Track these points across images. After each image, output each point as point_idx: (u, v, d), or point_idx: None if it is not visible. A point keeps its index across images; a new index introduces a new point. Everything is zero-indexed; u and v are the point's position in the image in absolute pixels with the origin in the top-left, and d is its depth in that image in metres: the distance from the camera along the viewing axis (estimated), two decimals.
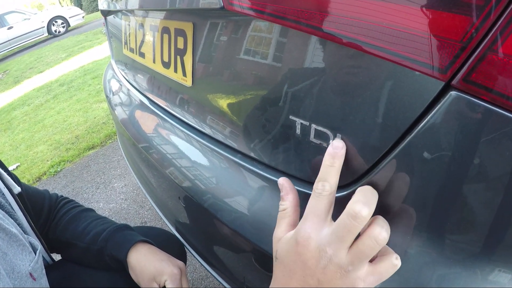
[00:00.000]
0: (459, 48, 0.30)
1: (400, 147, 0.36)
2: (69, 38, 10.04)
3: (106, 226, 0.81)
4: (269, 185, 0.55)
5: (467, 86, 0.31)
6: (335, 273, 0.36)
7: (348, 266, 0.36)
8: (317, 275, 0.37)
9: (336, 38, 0.38)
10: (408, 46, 0.32)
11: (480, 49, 0.30)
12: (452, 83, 0.31)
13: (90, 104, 3.86)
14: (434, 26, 0.31)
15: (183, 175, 0.72)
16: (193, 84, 0.69)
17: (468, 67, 0.31)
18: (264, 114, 0.53)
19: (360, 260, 0.36)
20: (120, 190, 2.14)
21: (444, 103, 0.32)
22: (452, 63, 0.31)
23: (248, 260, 0.62)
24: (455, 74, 0.31)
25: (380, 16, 0.33)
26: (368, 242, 0.35)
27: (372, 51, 0.35)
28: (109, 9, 1.14)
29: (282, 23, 0.43)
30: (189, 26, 0.66)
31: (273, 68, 0.49)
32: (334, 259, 0.36)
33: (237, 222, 0.58)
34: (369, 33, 0.35)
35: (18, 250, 0.62)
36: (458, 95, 0.32)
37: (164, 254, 0.78)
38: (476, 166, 0.33)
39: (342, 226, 0.35)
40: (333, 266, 0.36)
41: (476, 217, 0.35)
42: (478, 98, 0.31)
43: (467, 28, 0.30)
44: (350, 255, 0.36)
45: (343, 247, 0.35)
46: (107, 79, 1.38)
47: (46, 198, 0.87)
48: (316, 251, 0.36)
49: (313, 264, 0.37)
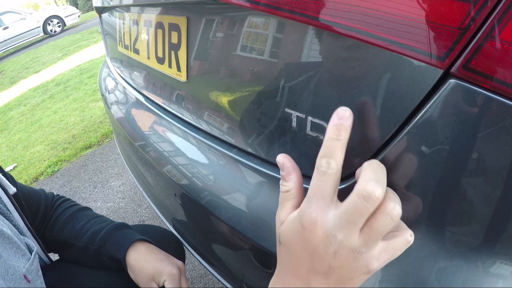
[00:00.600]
0: (457, 35, 0.30)
1: (399, 138, 0.35)
2: (65, 38, 9.99)
3: (103, 225, 0.80)
4: (266, 180, 0.54)
5: (467, 73, 0.30)
6: (347, 256, 0.33)
7: (361, 247, 0.33)
8: (328, 261, 0.34)
9: (332, 28, 0.37)
10: (405, 34, 0.31)
11: (479, 35, 0.29)
12: (451, 71, 0.31)
13: (87, 103, 3.84)
14: (431, 12, 0.30)
15: (179, 172, 0.71)
16: (188, 79, 0.68)
17: (467, 54, 0.30)
18: (260, 108, 0.52)
19: (374, 240, 0.33)
20: (117, 189, 2.13)
21: (443, 91, 0.31)
22: (450, 50, 0.30)
23: (246, 257, 0.61)
24: (454, 61, 0.30)
25: (376, 3, 0.32)
26: (382, 220, 0.31)
27: (368, 40, 0.34)
28: (103, 6, 1.12)
29: (277, 13, 0.42)
30: (183, 21, 0.65)
31: (268, 62, 0.49)
32: (346, 243, 0.33)
33: (234, 218, 0.57)
34: (365, 21, 0.34)
35: (12, 252, 0.61)
36: (457, 83, 0.31)
37: (163, 253, 0.77)
38: (476, 157, 0.32)
39: (352, 208, 0.31)
40: (345, 250, 0.33)
41: (477, 209, 0.34)
42: (478, 86, 0.30)
43: (465, 14, 0.29)
44: (363, 236, 0.32)
45: (354, 230, 0.32)
46: (103, 77, 1.37)
47: (42, 197, 0.86)
48: (325, 236, 0.33)
49: (322, 249, 0.34)
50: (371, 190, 0.30)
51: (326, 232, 0.33)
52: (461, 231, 0.36)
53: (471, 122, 0.31)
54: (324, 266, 0.34)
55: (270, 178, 0.53)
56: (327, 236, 0.33)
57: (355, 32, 0.35)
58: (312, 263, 0.35)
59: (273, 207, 0.53)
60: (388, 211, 0.31)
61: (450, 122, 0.32)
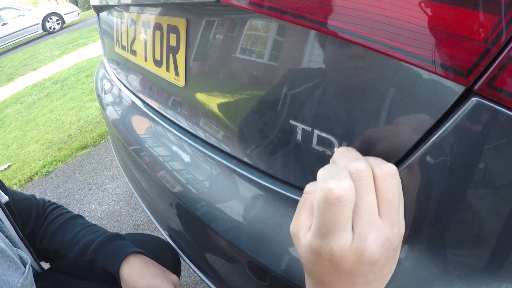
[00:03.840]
0: (483, 50, 0.27)
1: (413, 157, 0.33)
2: (63, 35, 9.94)
3: (96, 236, 0.77)
4: (265, 194, 0.51)
5: (491, 91, 0.28)
6: (386, 251, 0.29)
7: (392, 229, 0.29)
8: (371, 270, 0.29)
9: (343, 35, 0.34)
10: (425, 46, 0.29)
11: (506, 51, 0.26)
12: (474, 88, 0.28)
13: (84, 103, 3.80)
14: (455, 24, 0.28)
15: (175, 180, 0.68)
16: (186, 84, 0.65)
17: (492, 71, 0.27)
18: (262, 118, 0.49)
19: (396, 210, 0.29)
20: (112, 192, 2.09)
21: (464, 110, 0.29)
22: (475, 66, 0.27)
23: (242, 270, 0.58)
24: (478, 78, 0.28)
25: (398, 13, 0.30)
26: (386, 184, 0.29)
27: (386, 51, 0.31)
28: (101, 4, 1.10)
29: (281, 17, 0.40)
30: (182, 22, 0.62)
31: (271, 68, 0.46)
32: (379, 241, 0.29)
33: (231, 232, 0.55)
34: (381, 29, 0.31)
35: (6, 265, 0.58)
36: (480, 101, 0.28)
37: (158, 267, 0.75)
38: (498, 181, 0.30)
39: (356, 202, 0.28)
40: (381, 249, 0.29)
41: (483, 230, 0.32)
42: (503, 106, 0.27)
43: (493, 27, 0.26)
44: (384, 216, 0.29)
45: (376, 220, 0.29)
46: (99, 77, 1.34)
47: (34, 204, 0.83)
48: (358, 257, 0.29)
49: (358, 268, 0.29)
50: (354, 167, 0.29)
51: (358, 251, 0.29)
52: (463, 252, 0.33)
53: (493, 143, 0.29)
54: (367, 276, 0.30)
55: (270, 192, 0.51)
56: (360, 253, 0.29)
57: (373, 43, 0.32)
58: (352, 282, 0.30)
59: (272, 222, 0.50)
60: (383, 175, 0.29)
61: (471, 143, 0.29)
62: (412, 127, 0.32)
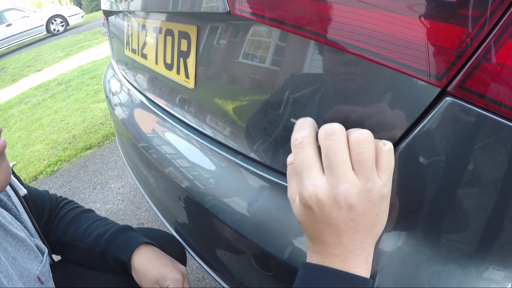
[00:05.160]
0: (455, 57, 0.32)
1: (398, 150, 0.38)
2: (67, 37, 10.01)
3: (108, 227, 0.81)
4: (271, 186, 0.56)
5: (462, 92, 0.33)
6: (362, 201, 0.35)
7: (367, 184, 0.34)
8: (349, 217, 0.35)
9: (338, 45, 0.39)
10: (407, 54, 0.34)
11: (474, 57, 0.32)
12: (448, 90, 0.33)
13: (88, 104, 3.85)
14: (432, 35, 0.33)
15: (184, 174, 0.73)
16: (196, 86, 0.70)
17: (463, 74, 0.32)
18: (266, 117, 0.54)
19: (370, 170, 0.34)
20: (117, 191, 2.14)
21: (440, 108, 0.34)
22: (448, 70, 0.32)
23: (248, 260, 0.62)
24: (450, 81, 0.33)
25: (381, 25, 0.35)
26: (361, 147, 0.34)
27: (373, 58, 0.36)
28: (111, 10, 1.15)
29: (286, 29, 0.45)
30: (193, 29, 0.67)
31: (275, 72, 0.51)
32: (352, 191, 0.34)
33: (238, 222, 0.59)
34: (370, 40, 0.36)
35: (25, 254, 0.62)
36: (453, 101, 0.33)
37: (167, 258, 0.78)
38: (470, 169, 0.35)
39: (331, 153, 0.35)
40: (355, 198, 0.34)
41: (471, 217, 0.36)
42: (472, 104, 0.33)
43: (463, 37, 0.31)
44: (361, 174, 0.34)
45: (348, 174, 0.34)
46: (107, 79, 1.39)
47: (47, 199, 0.87)
48: (332, 200, 0.35)
49: (337, 213, 0.35)
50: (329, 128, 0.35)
51: (330, 196, 0.35)
52: (455, 238, 0.38)
53: (465, 137, 0.34)
54: (348, 223, 0.35)
55: (275, 185, 0.55)
56: (333, 198, 0.35)
57: (361, 51, 0.37)
58: (336, 228, 0.36)
59: (276, 212, 0.55)
60: (358, 138, 0.35)
61: (445, 137, 0.34)
62: (397, 123, 0.37)
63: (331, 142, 0.35)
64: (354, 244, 0.36)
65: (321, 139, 0.36)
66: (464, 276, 0.38)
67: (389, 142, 0.36)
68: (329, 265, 0.37)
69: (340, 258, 0.37)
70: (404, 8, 0.34)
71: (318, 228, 0.37)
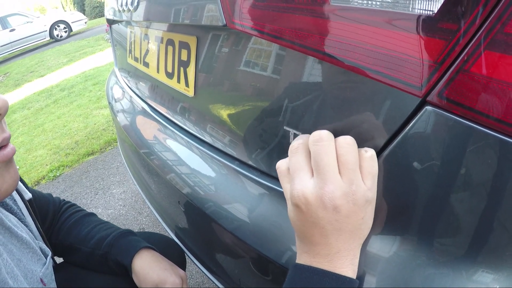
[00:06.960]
0: (434, 68, 0.34)
1: (382, 157, 0.40)
2: (70, 43, 10.09)
3: (110, 231, 0.83)
4: (268, 192, 0.58)
5: (441, 101, 0.35)
6: (346, 204, 0.37)
7: (351, 187, 0.37)
8: (334, 218, 0.37)
9: (326, 58, 0.42)
10: (390, 66, 0.36)
11: (452, 68, 0.34)
12: (428, 99, 0.35)
13: (91, 110, 3.89)
14: (413, 48, 0.35)
15: (184, 180, 0.75)
16: (195, 94, 0.73)
17: (441, 84, 0.35)
18: (262, 124, 0.57)
19: (353, 172, 0.37)
20: (118, 197, 2.16)
21: (420, 116, 0.36)
22: (427, 80, 0.35)
23: (246, 265, 0.64)
24: (430, 90, 0.35)
25: (365, 39, 0.38)
26: (344, 150, 0.38)
27: (360, 70, 0.39)
28: (114, 19, 1.18)
29: (280, 43, 0.48)
30: (193, 40, 0.70)
31: (270, 82, 0.54)
32: (337, 193, 0.37)
33: (238, 228, 0.60)
34: (355, 53, 0.39)
35: (29, 256, 0.64)
36: (432, 109, 0.36)
37: (167, 262, 0.80)
38: (451, 174, 0.37)
39: (317, 157, 0.38)
40: (340, 199, 0.37)
41: (461, 222, 0.38)
42: (451, 112, 0.35)
43: (442, 50, 0.34)
44: (345, 175, 0.37)
45: (334, 176, 0.37)
46: (110, 86, 1.42)
47: (50, 202, 0.89)
48: (318, 200, 0.37)
49: (323, 213, 0.37)
50: (317, 134, 0.39)
51: (317, 196, 0.37)
52: (447, 242, 0.39)
53: (445, 143, 0.36)
54: (333, 224, 0.38)
55: (273, 191, 0.57)
56: (319, 198, 0.37)
57: (350, 63, 0.40)
58: (323, 228, 0.38)
59: (274, 217, 0.56)
60: (341, 143, 0.38)
61: (427, 143, 0.37)
62: (382, 131, 0.40)
63: (318, 148, 0.38)
64: (341, 246, 0.39)
65: (310, 145, 0.39)
66: (455, 279, 0.39)
67: (371, 149, 0.39)
68: (317, 265, 0.39)
69: (327, 258, 0.39)
70: (387, 22, 0.36)
71: (306, 227, 0.39)
